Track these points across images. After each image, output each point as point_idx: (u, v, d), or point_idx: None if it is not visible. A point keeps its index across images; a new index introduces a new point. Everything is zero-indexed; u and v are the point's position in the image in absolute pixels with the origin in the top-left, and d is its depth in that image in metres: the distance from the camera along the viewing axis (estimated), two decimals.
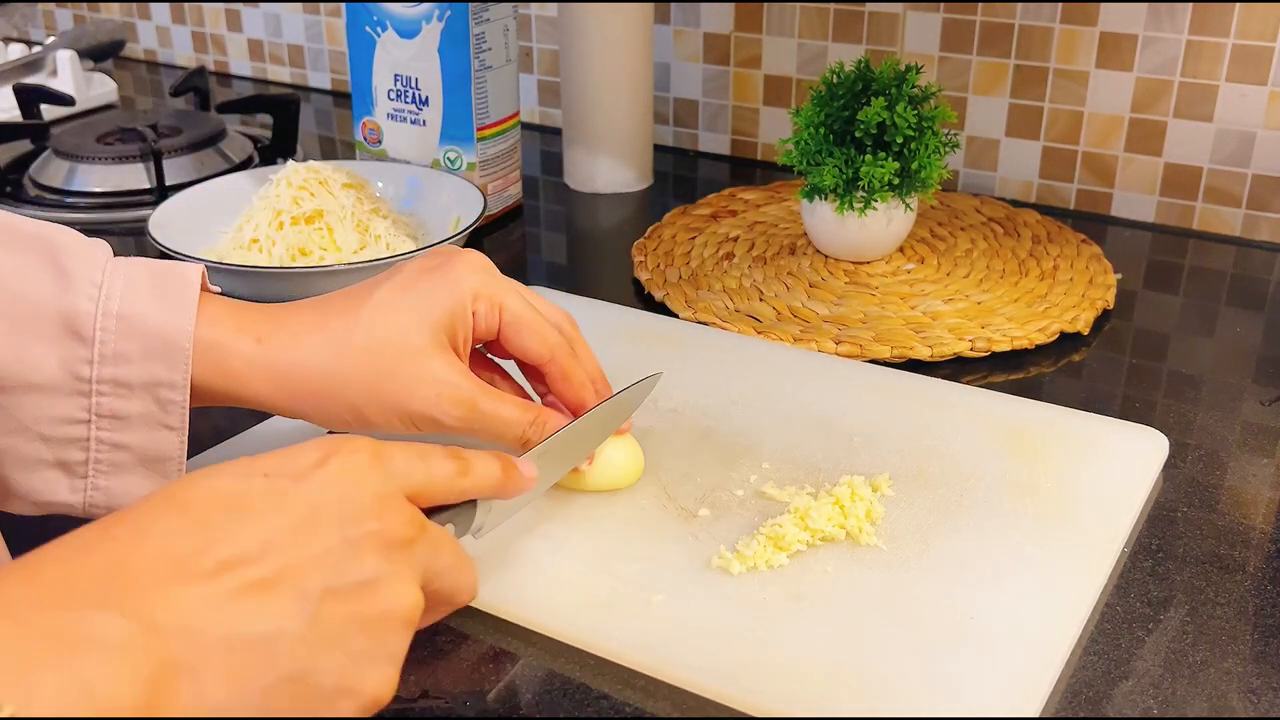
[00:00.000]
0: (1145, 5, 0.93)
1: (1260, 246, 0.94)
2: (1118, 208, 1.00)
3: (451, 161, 0.97)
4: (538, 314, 0.57)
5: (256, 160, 1.12)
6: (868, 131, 0.81)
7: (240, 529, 0.37)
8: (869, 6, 1.04)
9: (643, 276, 0.86)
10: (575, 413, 0.58)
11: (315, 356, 0.53)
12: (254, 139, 1.17)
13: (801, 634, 0.50)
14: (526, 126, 1.19)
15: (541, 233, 1.01)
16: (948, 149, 0.83)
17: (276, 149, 1.13)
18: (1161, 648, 0.50)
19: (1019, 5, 0.98)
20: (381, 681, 0.39)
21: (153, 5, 1.52)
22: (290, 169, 0.86)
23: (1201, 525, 0.59)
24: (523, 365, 0.59)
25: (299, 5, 1.39)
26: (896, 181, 0.81)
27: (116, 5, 1.56)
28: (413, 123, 0.97)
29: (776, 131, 1.13)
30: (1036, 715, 0.46)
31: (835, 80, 0.84)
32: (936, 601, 0.51)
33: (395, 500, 0.42)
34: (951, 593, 0.52)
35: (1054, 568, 0.53)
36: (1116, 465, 0.61)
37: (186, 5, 1.49)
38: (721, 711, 0.47)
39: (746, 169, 1.13)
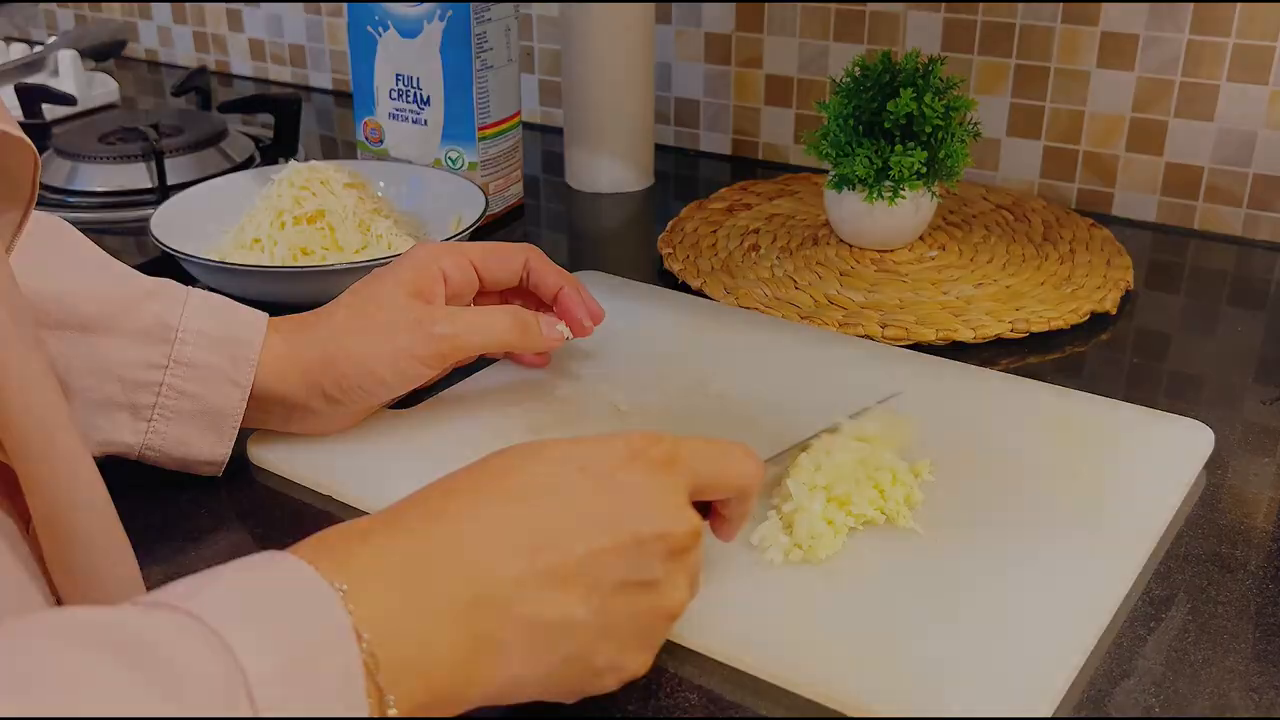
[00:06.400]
0: (1146, 5, 0.93)
1: (1261, 246, 0.94)
2: (1119, 207, 1.00)
3: (453, 161, 0.97)
4: (500, 246, 0.67)
5: (258, 160, 1.12)
6: (896, 122, 0.82)
7: (554, 518, 0.42)
8: (870, 6, 1.04)
9: (674, 268, 0.87)
10: (557, 303, 0.68)
11: (332, 341, 0.62)
12: (255, 139, 1.17)
13: (832, 610, 0.51)
14: (528, 126, 1.19)
15: (543, 232, 1.01)
16: (972, 137, 0.84)
17: (278, 149, 1.13)
18: (1163, 646, 0.50)
19: (1020, 5, 0.98)
20: (643, 664, 0.45)
21: (154, 5, 1.52)
22: (292, 169, 0.86)
23: (1203, 524, 0.59)
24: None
25: (300, 5, 1.39)
26: (924, 170, 0.82)
27: (118, 5, 1.56)
28: (414, 122, 0.97)
29: (778, 131, 1.13)
30: (1049, 715, 0.46)
31: (860, 73, 0.85)
32: (967, 587, 0.52)
33: (685, 507, 0.45)
34: (983, 579, 0.52)
35: (1087, 561, 0.54)
36: (1159, 457, 0.61)
37: (188, 5, 1.49)
38: (748, 681, 0.48)
39: (748, 168, 1.13)
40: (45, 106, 1.23)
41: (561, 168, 1.09)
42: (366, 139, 1.01)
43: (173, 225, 0.87)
